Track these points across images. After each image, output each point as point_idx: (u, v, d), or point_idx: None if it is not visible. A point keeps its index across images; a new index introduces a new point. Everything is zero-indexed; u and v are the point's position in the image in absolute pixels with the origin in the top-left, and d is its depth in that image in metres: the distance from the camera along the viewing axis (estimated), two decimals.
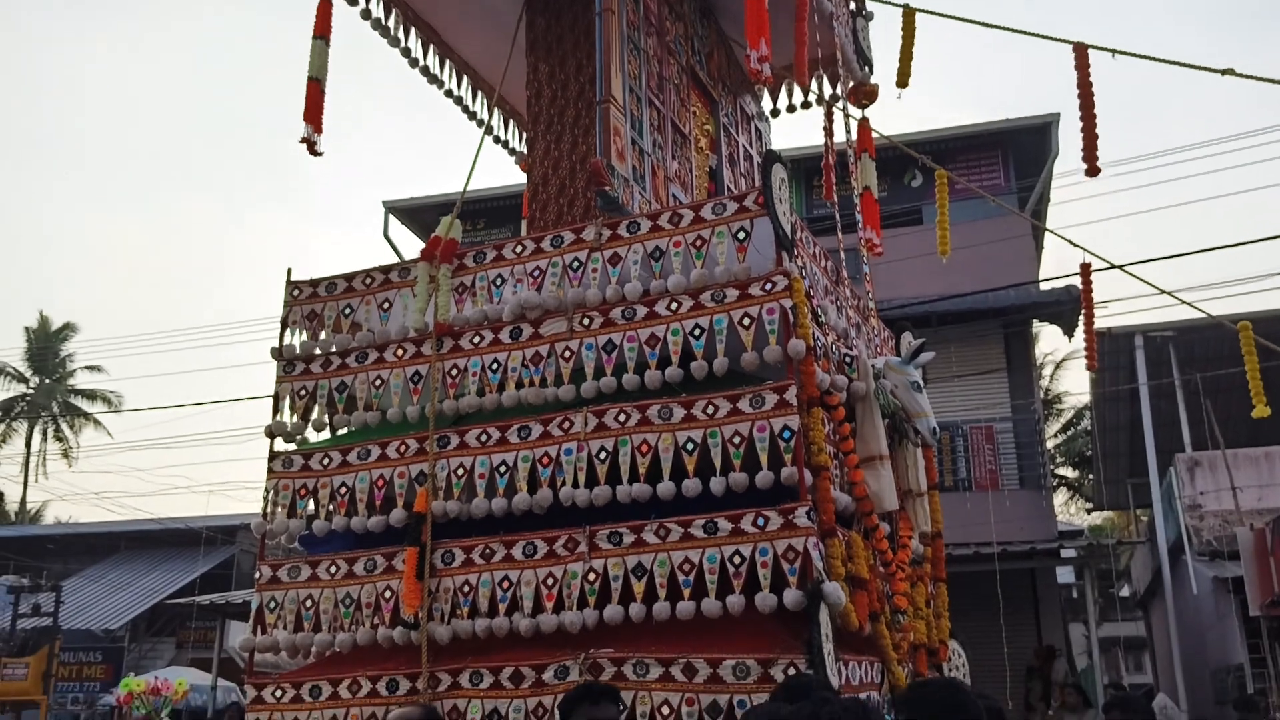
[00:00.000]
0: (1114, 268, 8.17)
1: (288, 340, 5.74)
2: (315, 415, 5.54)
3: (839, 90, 7.72)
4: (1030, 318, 14.61)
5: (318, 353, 5.65)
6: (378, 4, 6.88)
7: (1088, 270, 7.93)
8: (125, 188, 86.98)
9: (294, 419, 5.57)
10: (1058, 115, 14.96)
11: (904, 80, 7.36)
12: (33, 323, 36.97)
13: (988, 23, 7.37)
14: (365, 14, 6.80)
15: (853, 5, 7.94)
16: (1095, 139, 6.70)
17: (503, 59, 6.73)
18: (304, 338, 5.75)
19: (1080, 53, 6.79)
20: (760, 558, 4.26)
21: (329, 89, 5.74)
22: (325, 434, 5.66)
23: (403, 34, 7.12)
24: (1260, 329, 7.87)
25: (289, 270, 5.82)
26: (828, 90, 8.00)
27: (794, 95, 8.23)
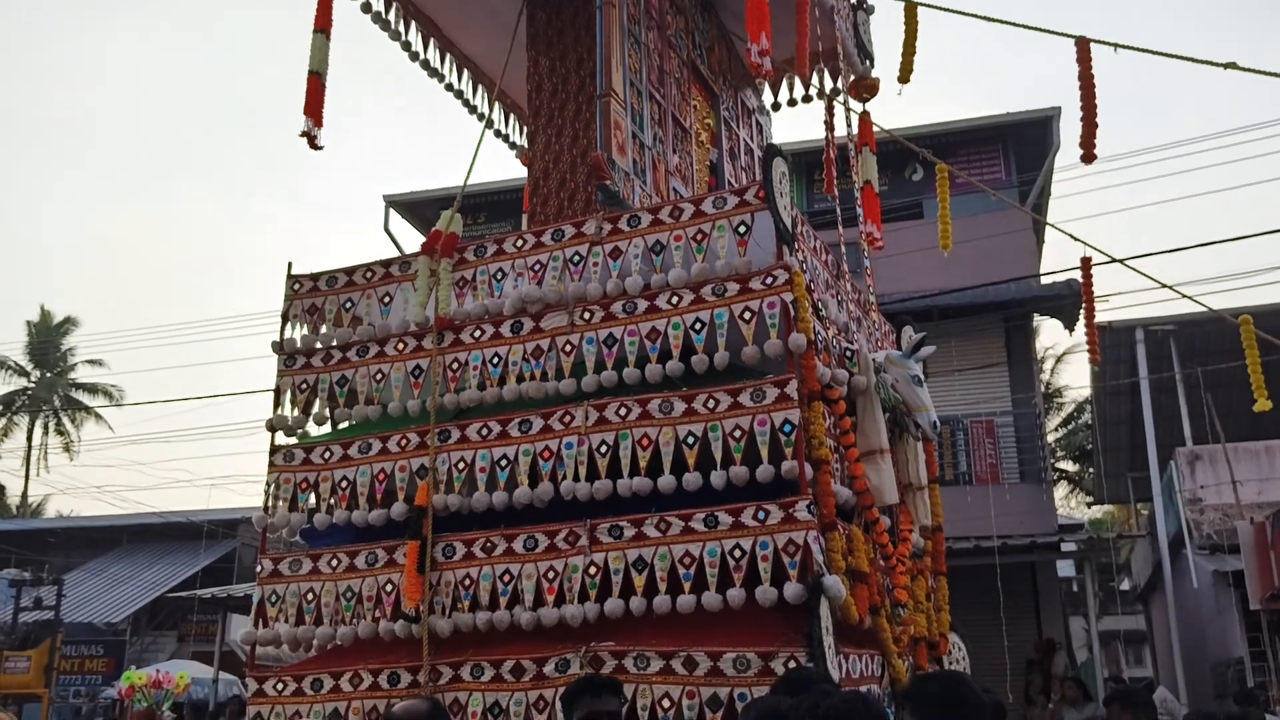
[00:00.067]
0: (1115, 261, 8.15)
1: (289, 334, 5.75)
2: (316, 409, 5.55)
3: (840, 84, 7.72)
4: (1031, 312, 14.60)
5: (318, 347, 5.65)
6: None
7: (1088, 264, 7.92)
8: (126, 182, 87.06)
9: (295, 413, 5.57)
10: (1059, 109, 14.95)
11: (906, 75, 7.33)
12: (34, 316, 37.07)
13: (990, 17, 7.30)
14: (366, 7, 6.80)
15: None
16: (1095, 128, 6.68)
17: (503, 53, 6.73)
18: (305, 332, 5.76)
19: (1082, 47, 6.77)
20: (761, 551, 4.27)
21: (330, 83, 5.73)
22: (326, 428, 5.68)
23: (403, 28, 7.11)
24: (1261, 323, 7.86)
25: (289, 264, 5.83)
26: (828, 84, 8.01)
27: (795, 89, 8.24)
